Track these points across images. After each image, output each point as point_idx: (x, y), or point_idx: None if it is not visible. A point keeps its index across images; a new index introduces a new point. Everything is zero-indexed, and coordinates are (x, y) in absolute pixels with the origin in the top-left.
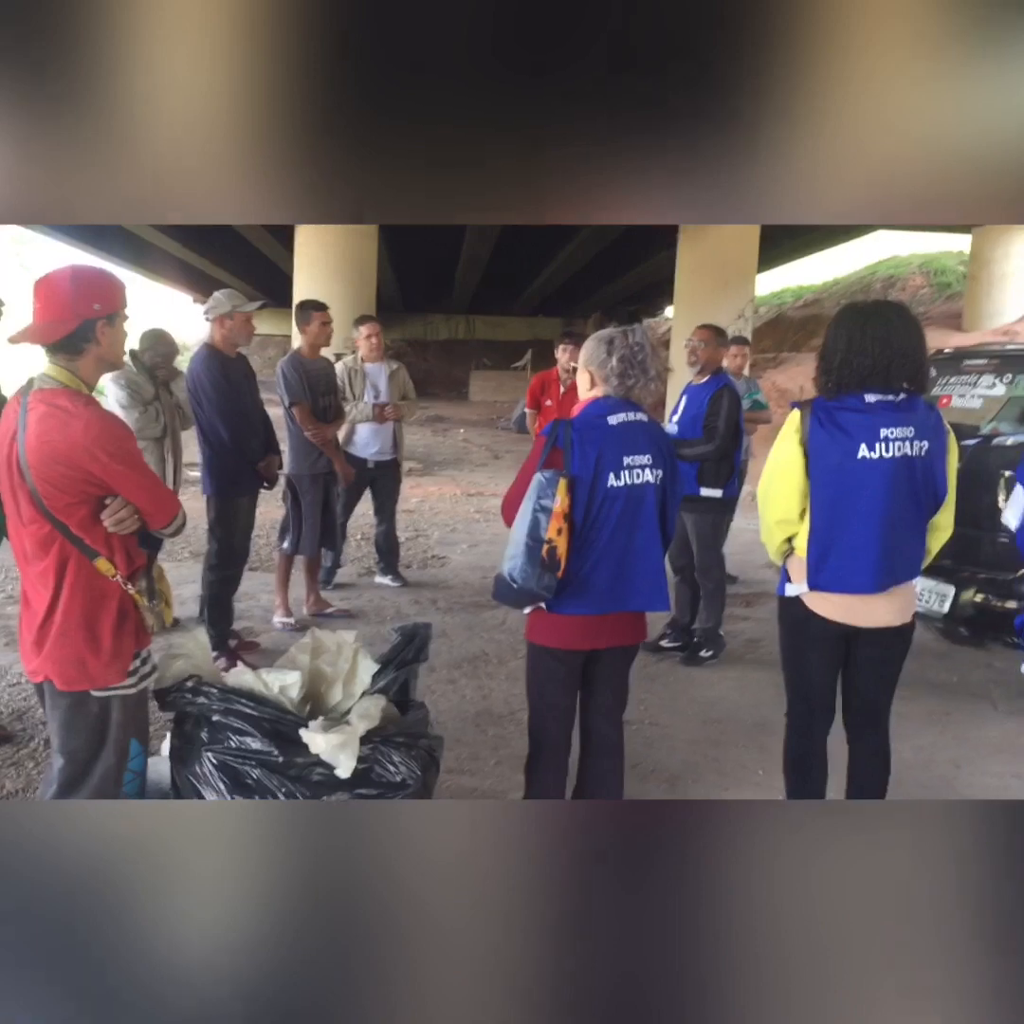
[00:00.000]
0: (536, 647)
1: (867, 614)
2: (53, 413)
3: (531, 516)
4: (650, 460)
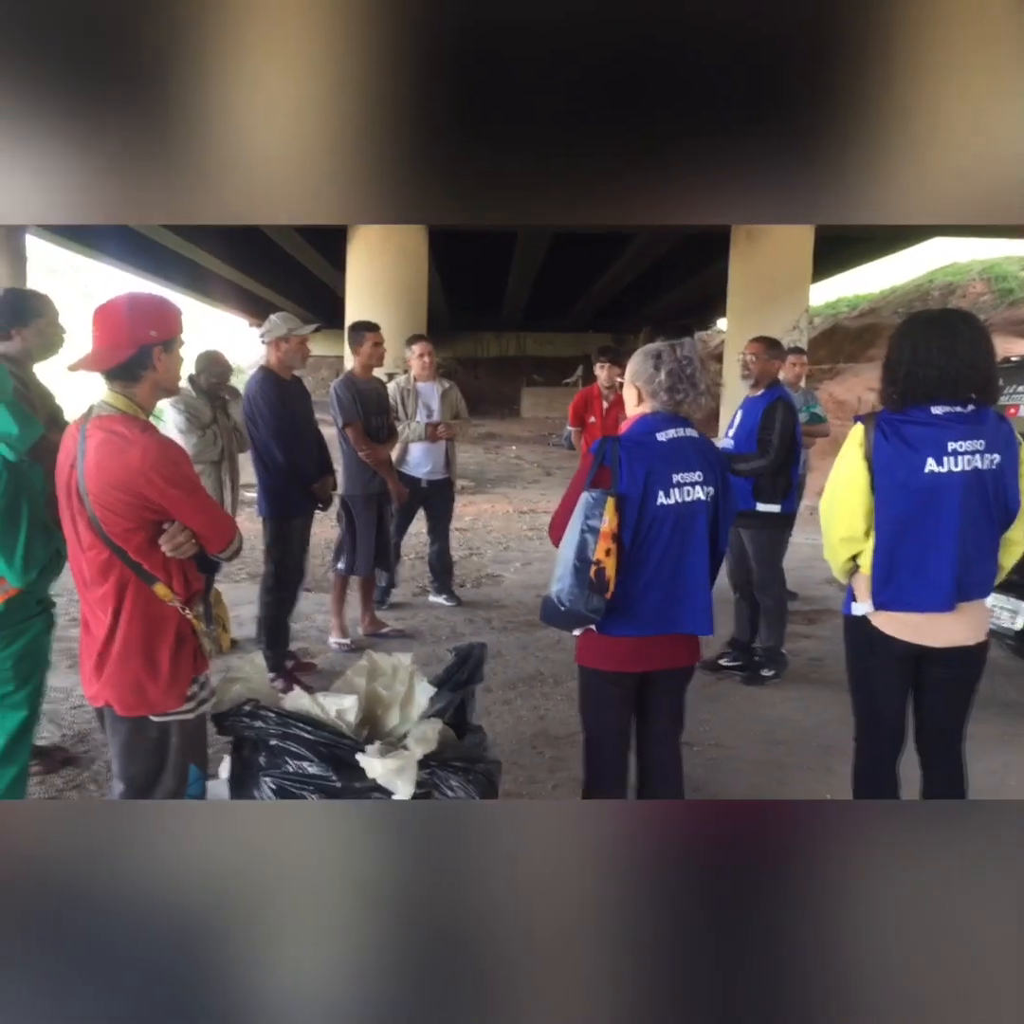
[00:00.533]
0: (587, 670)
1: (938, 633)
2: (111, 440)
3: (579, 536)
4: (701, 477)
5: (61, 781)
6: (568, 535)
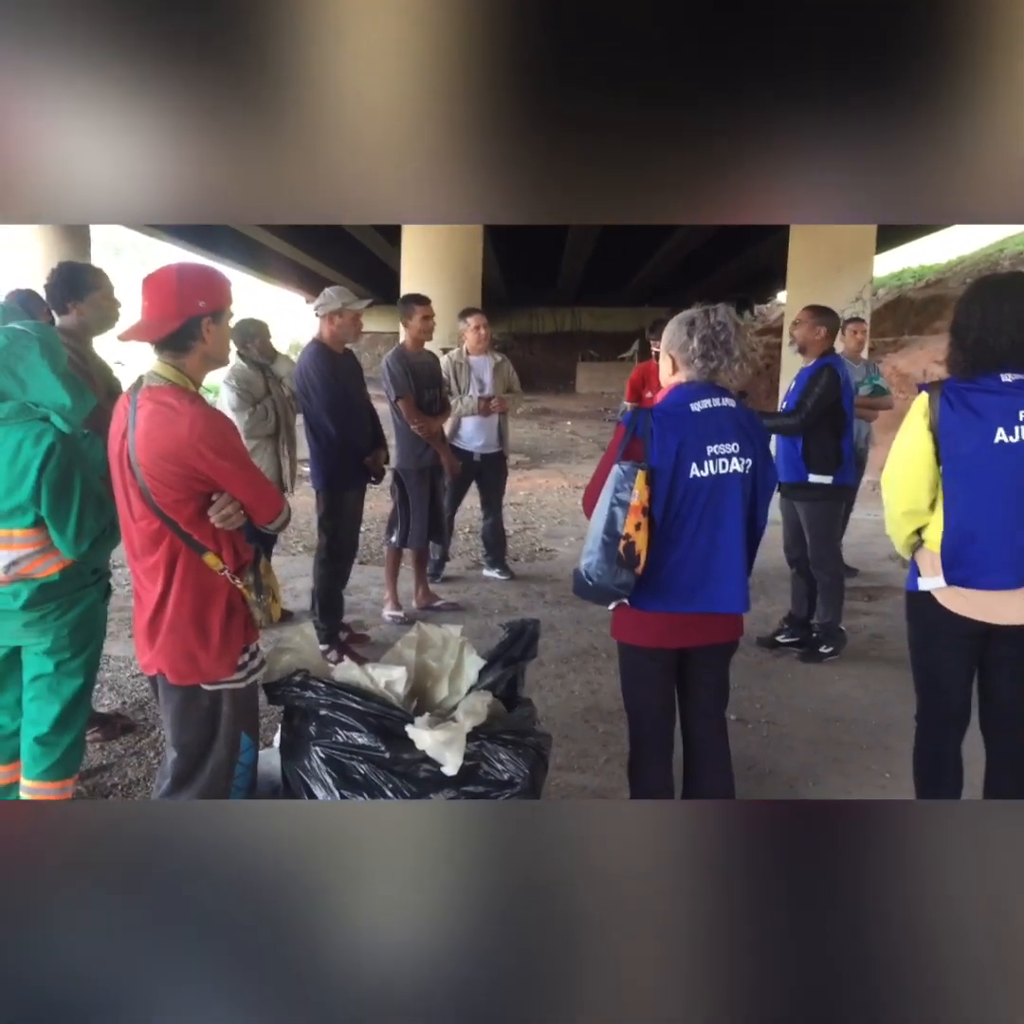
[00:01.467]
0: (624, 645)
1: (1006, 611)
2: (160, 411)
3: (608, 510)
4: (737, 448)
5: (121, 747)
6: (598, 509)
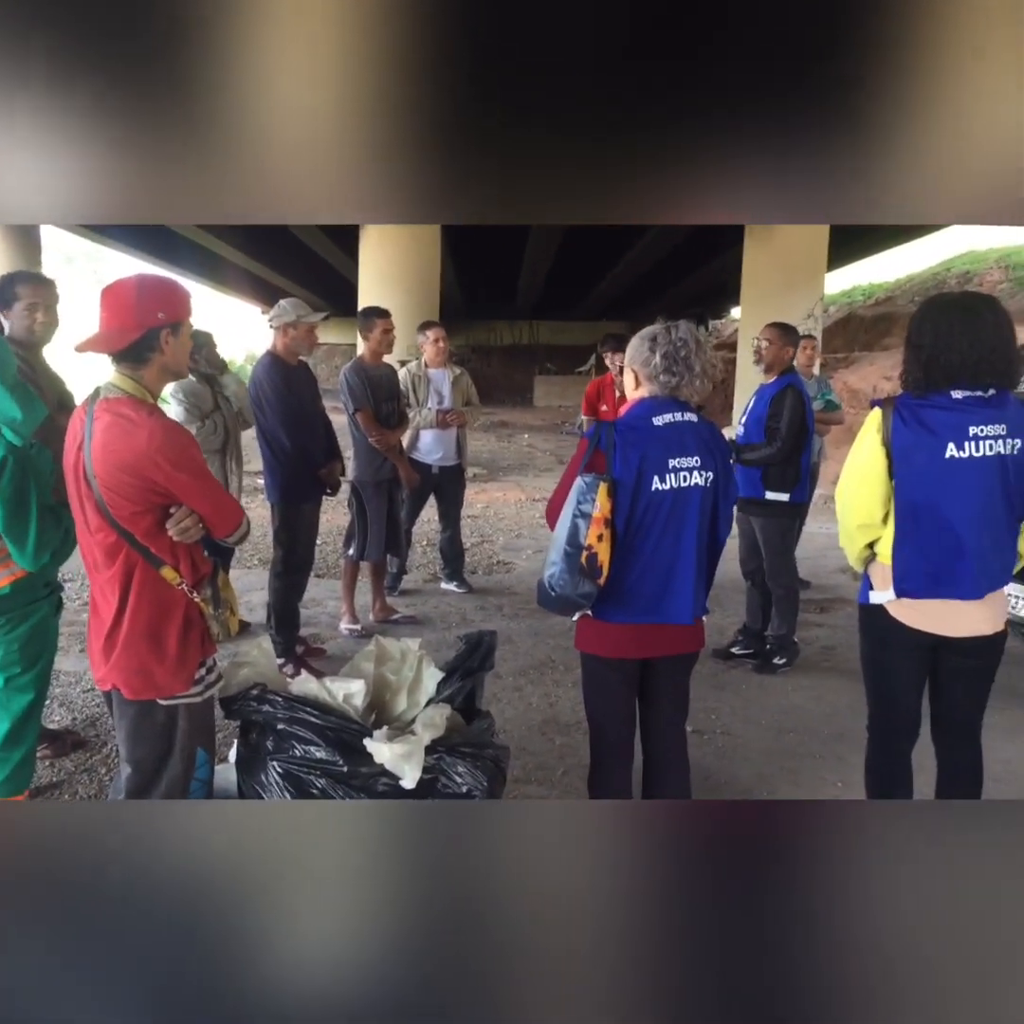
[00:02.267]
0: (587, 656)
1: (957, 622)
2: (117, 422)
3: (570, 522)
4: (698, 462)
5: (71, 764)
6: (561, 520)
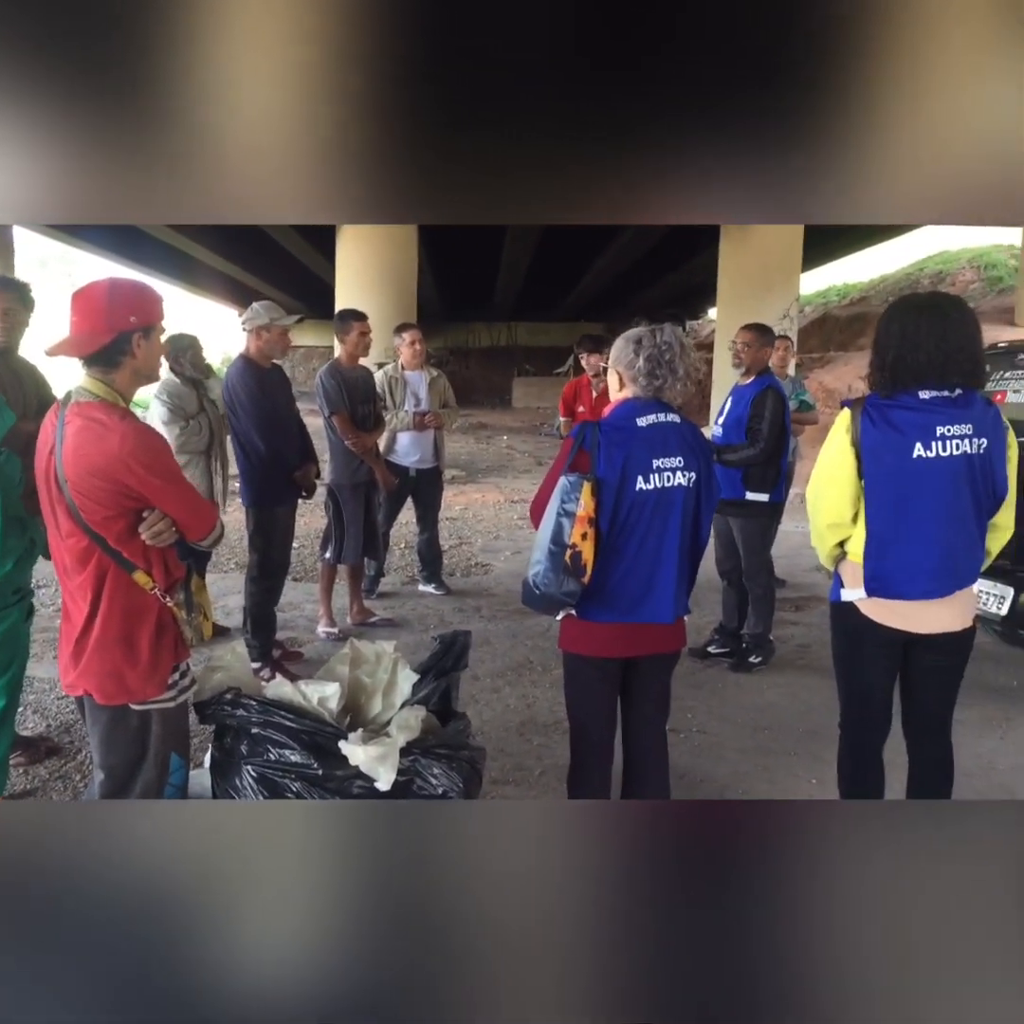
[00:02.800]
0: (570, 655)
1: (926, 620)
2: (89, 426)
3: (555, 520)
4: (681, 462)
5: (45, 771)
6: (545, 519)
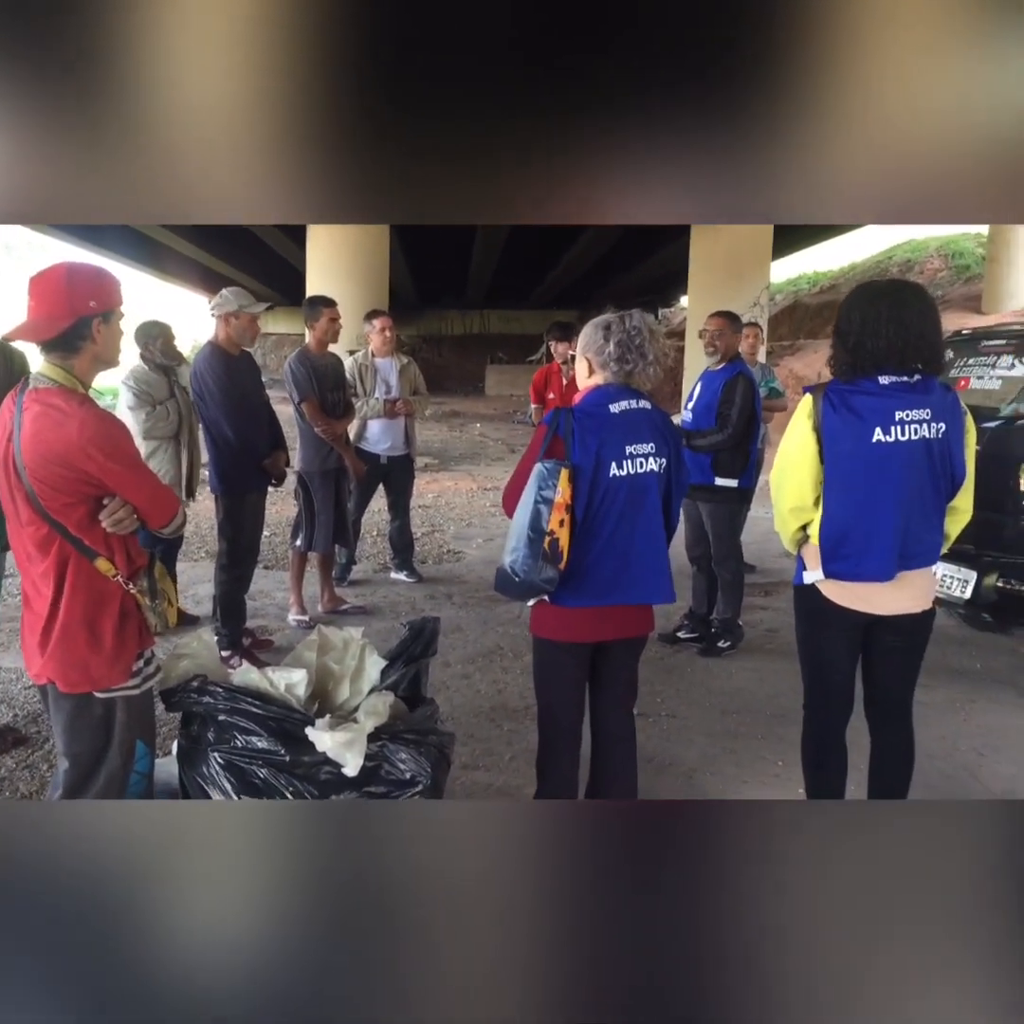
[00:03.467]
0: (542, 641)
1: (885, 601)
2: (47, 413)
3: (532, 507)
4: (653, 449)
5: (12, 761)
6: (521, 506)
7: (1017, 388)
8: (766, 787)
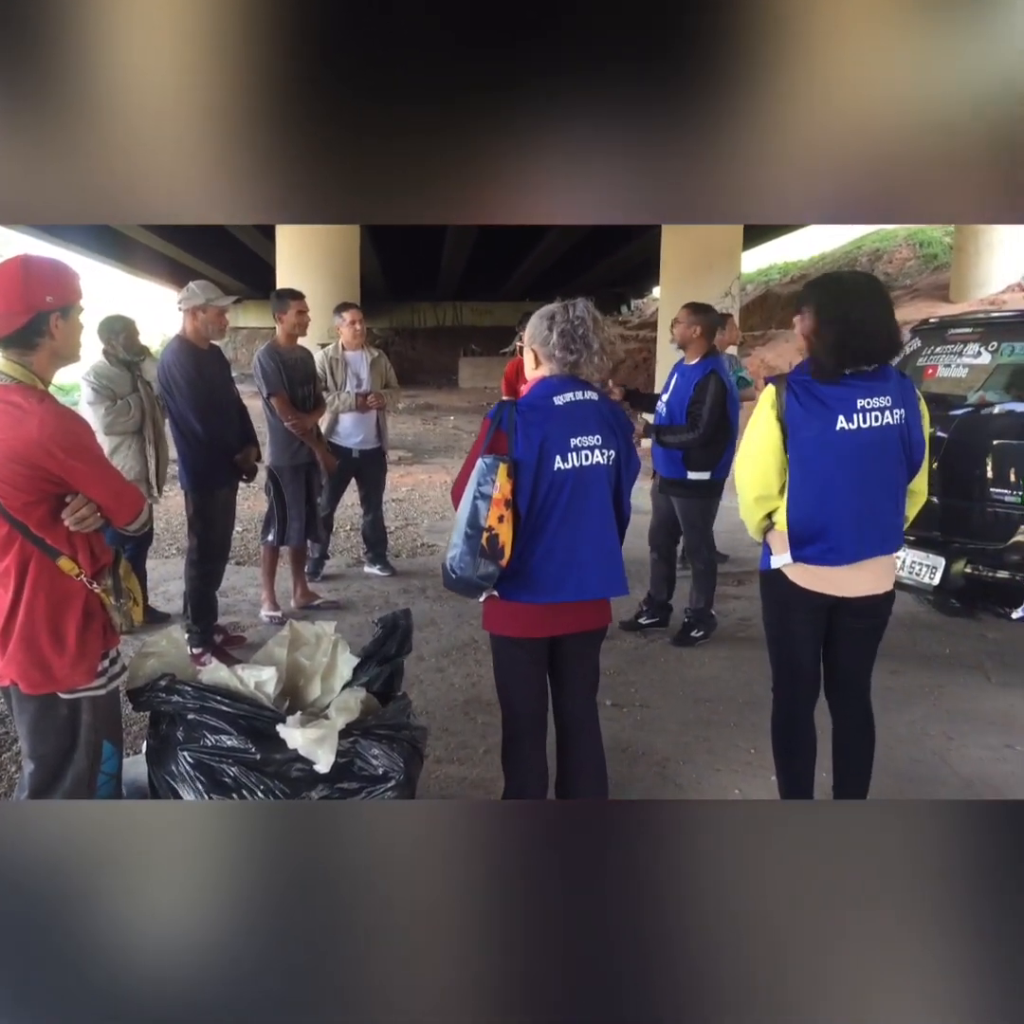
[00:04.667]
0: (496, 637)
1: (849, 584)
2: (6, 410)
3: (471, 503)
4: (600, 440)
5: None
6: (462, 502)
7: (983, 376)
8: (738, 774)
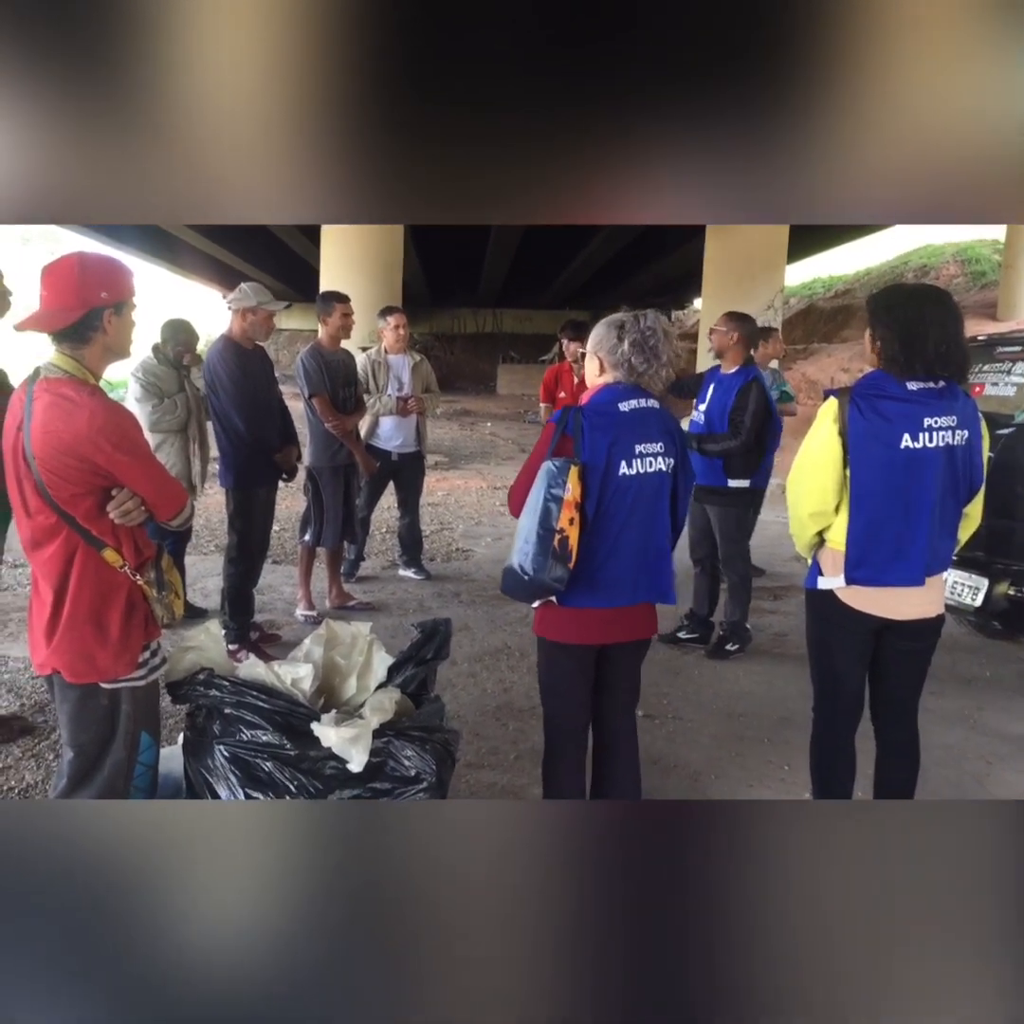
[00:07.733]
0: (547, 642)
1: (903, 607)
2: (58, 403)
3: (542, 505)
4: (662, 448)
5: (19, 750)
6: (530, 504)
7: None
8: (771, 791)
